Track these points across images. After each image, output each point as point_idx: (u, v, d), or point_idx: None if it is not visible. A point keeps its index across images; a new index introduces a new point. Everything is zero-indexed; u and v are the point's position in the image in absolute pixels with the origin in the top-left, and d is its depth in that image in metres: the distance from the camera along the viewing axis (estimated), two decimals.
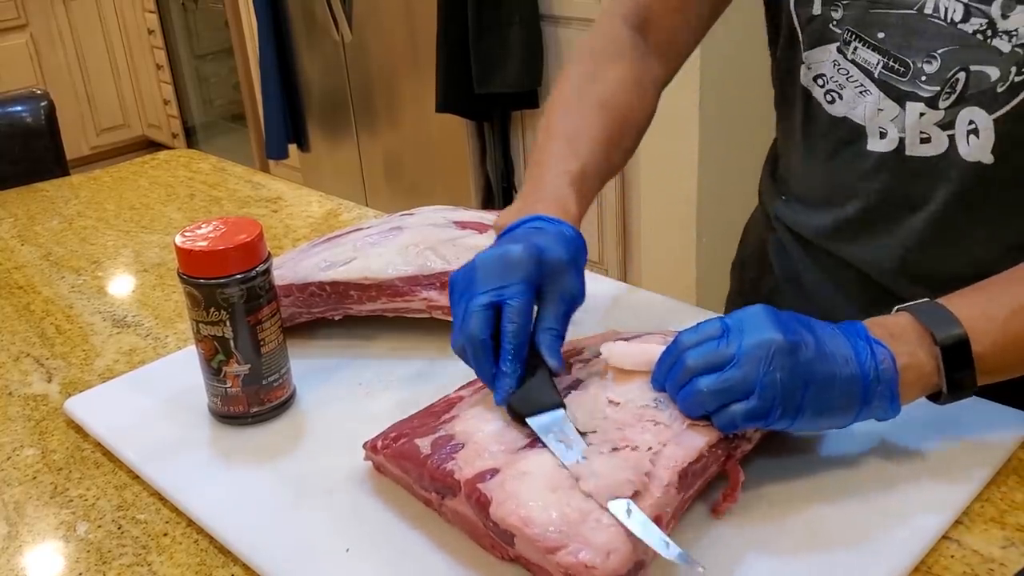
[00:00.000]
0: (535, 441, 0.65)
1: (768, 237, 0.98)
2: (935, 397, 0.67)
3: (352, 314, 0.91)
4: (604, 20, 0.93)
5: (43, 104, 1.59)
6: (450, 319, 0.88)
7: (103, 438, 0.81)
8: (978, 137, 0.75)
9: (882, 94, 0.78)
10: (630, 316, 0.95)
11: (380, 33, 2.92)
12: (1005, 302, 0.68)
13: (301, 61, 3.29)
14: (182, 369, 0.88)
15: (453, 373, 0.78)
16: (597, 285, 1.00)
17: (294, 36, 3.27)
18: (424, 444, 0.68)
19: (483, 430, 0.67)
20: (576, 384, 0.71)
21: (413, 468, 0.67)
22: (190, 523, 0.71)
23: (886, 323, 0.67)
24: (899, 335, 0.66)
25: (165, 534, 0.71)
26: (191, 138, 4.42)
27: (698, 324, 0.66)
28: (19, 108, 1.59)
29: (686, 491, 0.62)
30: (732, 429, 0.63)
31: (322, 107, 3.29)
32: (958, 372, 0.65)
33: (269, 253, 0.78)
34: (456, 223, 0.96)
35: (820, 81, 0.83)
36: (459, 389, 0.76)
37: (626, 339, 0.75)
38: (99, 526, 0.72)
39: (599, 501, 0.59)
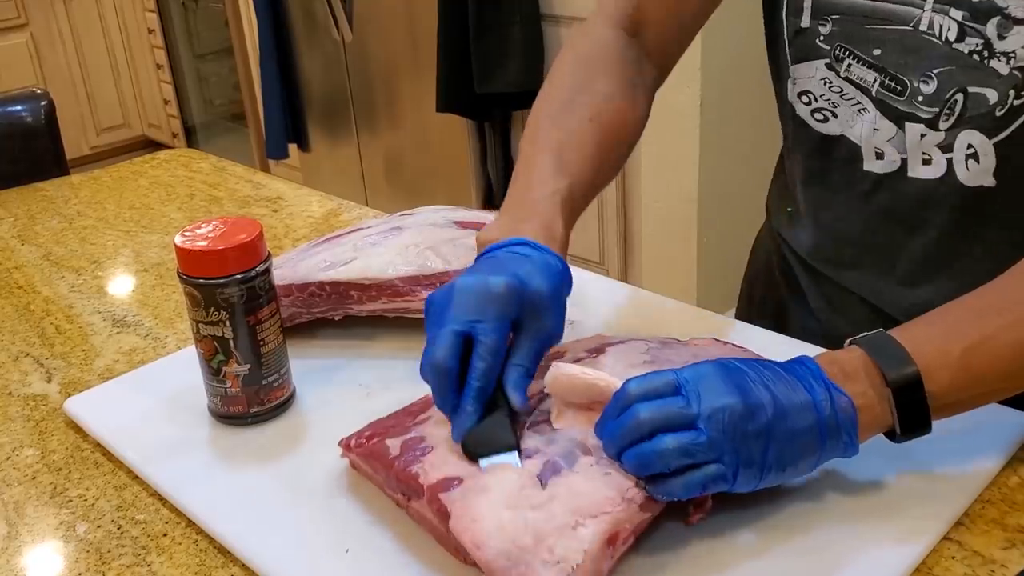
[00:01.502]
0: None
1: (775, 253, 0.97)
2: (891, 435, 0.64)
3: (352, 314, 0.91)
4: (594, 23, 0.89)
5: (43, 104, 1.59)
6: None
7: (103, 438, 0.81)
8: (978, 162, 0.73)
9: (879, 113, 0.76)
10: (630, 316, 0.94)
11: (380, 33, 2.92)
12: (963, 334, 0.64)
13: (301, 61, 3.29)
14: (182, 369, 0.88)
15: None
16: (597, 285, 1.00)
17: (294, 36, 3.27)
18: (394, 445, 0.68)
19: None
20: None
21: (381, 468, 0.67)
22: (190, 523, 0.71)
23: (838, 360, 0.64)
24: (851, 374, 0.62)
25: (165, 534, 0.70)
26: (191, 138, 4.41)
27: (648, 374, 0.62)
28: (19, 108, 1.59)
29: (650, 511, 0.61)
30: (692, 495, 0.60)
31: (322, 107, 3.29)
32: (911, 412, 0.62)
33: (269, 253, 0.78)
34: (456, 223, 0.96)
35: (805, 98, 0.81)
36: None
37: (578, 358, 0.73)
38: (99, 526, 0.72)
39: (571, 521, 0.59)
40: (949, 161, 0.74)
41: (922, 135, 0.75)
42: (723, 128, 2.31)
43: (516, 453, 0.64)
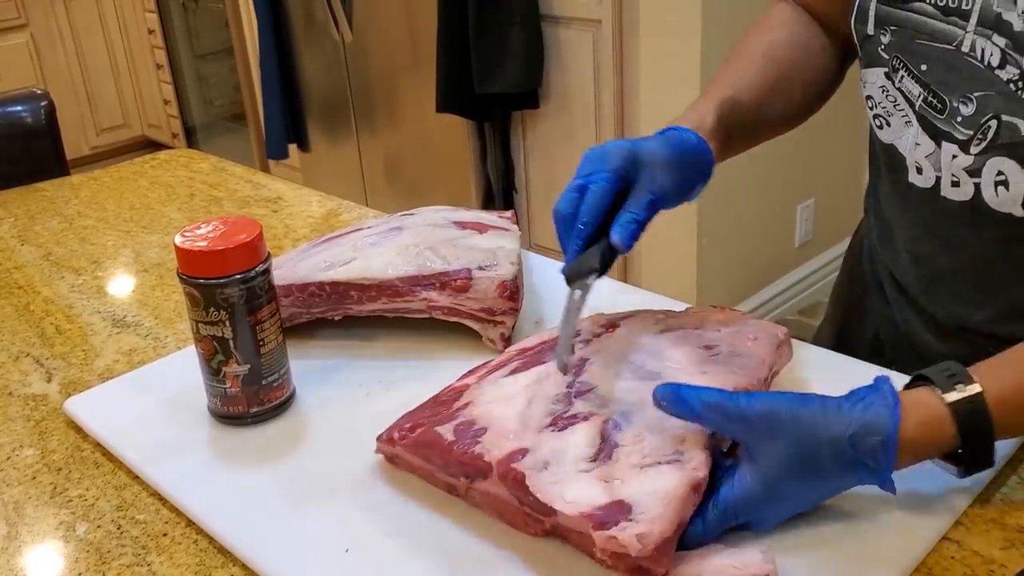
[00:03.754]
0: (557, 419, 0.67)
1: (866, 234, 0.98)
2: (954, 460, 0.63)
3: (352, 314, 0.91)
4: (772, 4, 0.96)
5: (43, 104, 1.59)
6: (449, 319, 0.89)
7: (103, 438, 0.81)
8: (1008, 189, 0.72)
9: (920, 128, 0.77)
10: None
11: (380, 33, 2.92)
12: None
13: (301, 61, 3.29)
14: (182, 369, 0.88)
15: (453, 373, 0.78)
16: (597, 285, 1.00)
17: (294, 36, 3.27)
18: (446, 431, 0.69)
19: (503, 414, 0.69)
20: (584, 363, 0.74)
21: (437, 455, 0.68)
22: (190, 523, 0.71)
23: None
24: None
25: (165, 534, 0.71)
26: (191, 138, 4.41)
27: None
28: (19, 108, 1.59)
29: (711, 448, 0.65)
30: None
31: (322, 107, 3.29)
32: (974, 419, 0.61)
33: (269, 253, 0.78)
34: (456, 223, 0.96)
35: (869, 103, 0.82)
36: (462, 377, 0.77)
37: None
38: (99, 526, 0.72)
39: (643, 462, 0.62)
40: (977, 186, 0.74)
41: (953, 156, 0.75)
42: None
43: (594, 275, 0.72)
